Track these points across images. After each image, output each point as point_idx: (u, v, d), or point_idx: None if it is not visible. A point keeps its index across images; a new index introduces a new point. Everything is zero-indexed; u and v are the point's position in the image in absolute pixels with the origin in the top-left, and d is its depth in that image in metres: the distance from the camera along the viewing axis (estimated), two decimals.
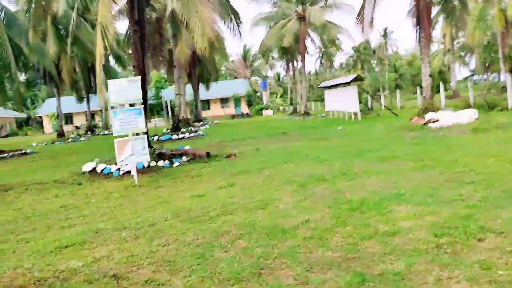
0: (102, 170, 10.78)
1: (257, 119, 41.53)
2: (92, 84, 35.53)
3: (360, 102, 23.45)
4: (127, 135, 9.34)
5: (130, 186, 8.94)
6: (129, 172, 10.37)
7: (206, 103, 57.49)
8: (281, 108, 63.54)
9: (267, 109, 55.13)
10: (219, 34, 23.21)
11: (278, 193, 6.58)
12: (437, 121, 13.35)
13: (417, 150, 9.54)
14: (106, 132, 34.48)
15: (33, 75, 49.91)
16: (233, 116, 54.07)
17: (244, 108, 58.91)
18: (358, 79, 21.64)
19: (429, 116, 14.09)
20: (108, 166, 10.89)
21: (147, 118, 9.32)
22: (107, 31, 9.92)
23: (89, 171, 10.97)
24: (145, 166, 10.61)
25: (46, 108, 58.21)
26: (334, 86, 26.44)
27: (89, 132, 35.12)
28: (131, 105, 9.60)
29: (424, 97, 16.49)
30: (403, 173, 7.10)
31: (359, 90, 22.34)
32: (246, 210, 5.75)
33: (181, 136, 20.86)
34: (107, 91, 9.89)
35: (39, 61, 23.38)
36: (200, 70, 37.36)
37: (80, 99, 38.36)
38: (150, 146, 10.32)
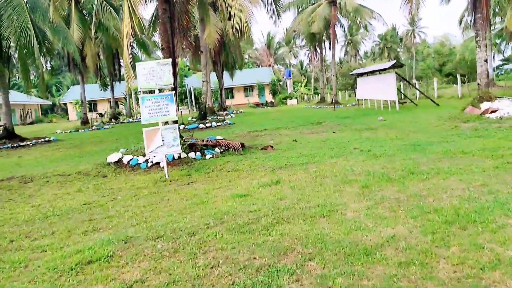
0: (128, 162, 9.89)
1: (282, 108, 40.34)
2: (116, 71, 34.95)
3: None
4: (156, 124, 8.40)
5: (159, 181, 8.01)
6: (157, 164, 9.47)
7: (230, 92, 56.53)
8: (305, 97, 62.15)
9: (291, 98, 53.83)
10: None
11: (339, 196, 5.50)
12: (495, 111, 11.99)
13: (489, 144, 8.28)
14: (130, 120, 33.90)
15: (58, 62, 49.88)
16: (257, 105, 53.01)
17: (268, 97, 57.74)
18: (397, 65, 20.22)
19: (486, 105, 12.72)
20: (135, 157, 9.99)
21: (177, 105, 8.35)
22: (135, 8, 8.93)
23: (115, 162, 10.09)
24: (175, 157, 9.66)
25: (71, 95, 58.31)
26: (368, 73, 25.04)
27: (113, 120, 34.62)
28: (160, 91, 8.65)
29: (478, 84, 15.03)
30: (488, 173, 5.91)
31: (396, 78, 20.91)
32: (305, 218, 4.70)
33: (208, 125, 19.91)
34: (135, 76, 8.94)
35: (63, 45, 22.71)
36: (225, 57, 36.34)
37: (104, 86, 37.89)
38: (180, 136, 9.36)
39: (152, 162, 9.50)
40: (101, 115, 52.26)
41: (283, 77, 71.35)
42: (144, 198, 6.68)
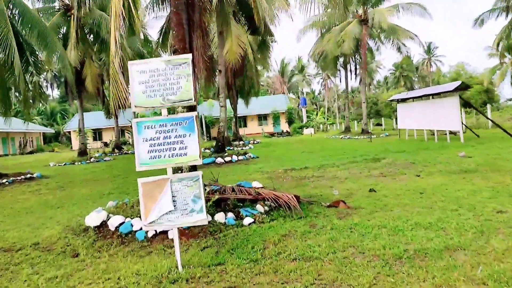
0: (117, 227, 6.12)
1: (302, 138, 36.65)
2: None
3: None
4: (163, 171, 4.70)
5: (167, 278, 4.22)
6: (164, 233, 5.71)
7: (242, 120, 53.00)
8: (321, 126, 58.58)
9: (307, 128, 50.32)
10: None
11: None
12: None
13: None
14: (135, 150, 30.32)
15: (63, 89, 46.99)
16: (271, 134, 49.47)
17: (283, 126, 54.21)
18: (461, 87, 16.52)
19: None
20: (128, 219, 6.23)
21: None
22: None
23: (97, 227, 6.32)
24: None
25: (75, 123, 55.10)
26: (415, 98, 21.36)
27: (116, 150, 31.05)
28: (170, 111, 4.99)
29: None
30: None
31: (461, 102, 17.13)
32: None
33: (227, 159, 16.15)
34: (127, 86, 5.31)
35: (58, 64, 19.41)
36: (241, 81, 32.96)
37: (108, 113, 34.59)
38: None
39: (155, 230, 5.72)
40: (106, 144, 48.93)
41: (298, 105, 68.03)
42: None
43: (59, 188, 12.77)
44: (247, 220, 5.95)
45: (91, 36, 25.36)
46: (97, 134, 54.37)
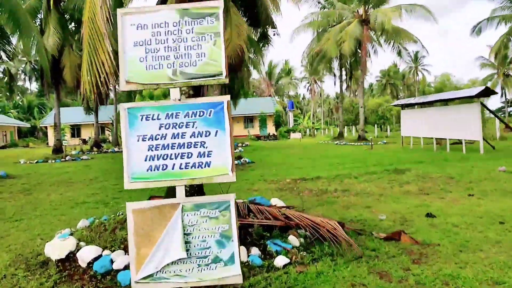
0: (90, 263, 4.23)
1: (291, 142, 35.03)
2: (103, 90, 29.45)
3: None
4: (171, 194, 2.89)
5: None
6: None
7: None
8: (307, 131, 57.06)
9: (294, 132, 48.79)
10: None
11: None
12: None
13: None
14: (115, 149, 28.01)
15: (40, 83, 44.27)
16: (258, 137, 47.62)
17: (270, 129, 52.47)
18: (483, 93, 14.98)
19: None
20: (107, 252, 4.35)
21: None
22: None
23: (61, 261, 4.42)
24: None
25: (52, 119, 52.35)
26: (424, 104, 19.88)
27: (94, 148, 28.76)
28: (193, 93, 3.15)
29: None
30: None
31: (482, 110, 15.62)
32: None
33: None
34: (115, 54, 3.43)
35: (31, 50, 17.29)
36: (231, 81, 31.13)
37: (88, 109, 32.25)
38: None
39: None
40: (84, 141, 46.24)
41: (284, 108, 66.44)
42: None
43: (24, 192, 10.69)
44: (280, 260, 4.11)
45: (72, 23, 23.20)
46: (76, 130, 51.70)
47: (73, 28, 23.17)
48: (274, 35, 18.17)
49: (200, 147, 2.83)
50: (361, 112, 28.86)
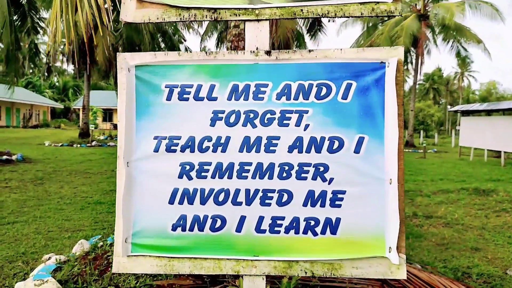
0: None
1: None
2: None
3: None
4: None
5: None
6: None
7: None
8: None
9: None
10: None
11: None
12: None
13: None
14: None
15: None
16: None
17: None
18: None
19: None
20: None
21: None
22: None
23: None
24: None
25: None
26: (489, 112, 17.51)
27: None
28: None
29: None
30: None
31: None
32: None
33: None
34: None
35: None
36: None
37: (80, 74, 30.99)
38: None
39: None
40: (115, 126, 45.61)
41: None
42: None
43: (36, 181, 9.27)
44: None
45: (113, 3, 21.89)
46: (108, 114, 51.19)
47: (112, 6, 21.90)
48: (328, 21, 16.33)
49: (317, 177, 1.05)
50: (412, 116, 26.46)
